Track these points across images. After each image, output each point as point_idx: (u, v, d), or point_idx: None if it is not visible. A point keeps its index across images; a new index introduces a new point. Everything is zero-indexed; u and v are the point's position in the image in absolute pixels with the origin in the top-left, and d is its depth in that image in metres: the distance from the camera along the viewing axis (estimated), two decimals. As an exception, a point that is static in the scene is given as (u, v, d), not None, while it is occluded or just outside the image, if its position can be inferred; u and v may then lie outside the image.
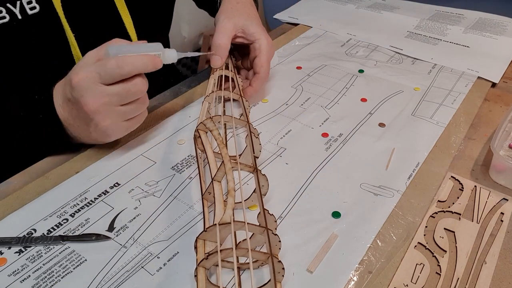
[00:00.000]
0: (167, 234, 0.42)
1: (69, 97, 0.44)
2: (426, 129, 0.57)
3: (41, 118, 0.47)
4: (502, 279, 0.38)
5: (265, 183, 0.41)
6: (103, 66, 0.42)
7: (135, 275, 0.38)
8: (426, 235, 0.42)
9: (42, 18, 0.51)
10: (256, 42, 0.59)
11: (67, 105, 0.46)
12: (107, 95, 0.43)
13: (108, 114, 0.45)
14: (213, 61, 0.57)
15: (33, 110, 0.47)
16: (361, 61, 0.74)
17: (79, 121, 0.46)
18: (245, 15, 0.60)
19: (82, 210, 0.44)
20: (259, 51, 0.59)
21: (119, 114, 0.46)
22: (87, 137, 0.48)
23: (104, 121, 0.45)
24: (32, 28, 0.51)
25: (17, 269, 0.38)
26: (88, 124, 0.46)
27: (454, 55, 0.76)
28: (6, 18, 0.48)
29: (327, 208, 0.45)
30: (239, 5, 0.62)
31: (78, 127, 0.47)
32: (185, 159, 0.51)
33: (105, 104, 0.44)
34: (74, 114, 0.46)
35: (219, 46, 0.57)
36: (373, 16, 0.92)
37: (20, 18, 0.49)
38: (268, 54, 0.59)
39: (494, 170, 0.49)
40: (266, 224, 0.35)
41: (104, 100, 0.43)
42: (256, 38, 0.59)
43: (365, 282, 0.38)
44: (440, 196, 0.47)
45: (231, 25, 0.58)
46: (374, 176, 0.49)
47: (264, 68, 0.58)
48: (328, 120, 0.58)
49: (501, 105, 0.63)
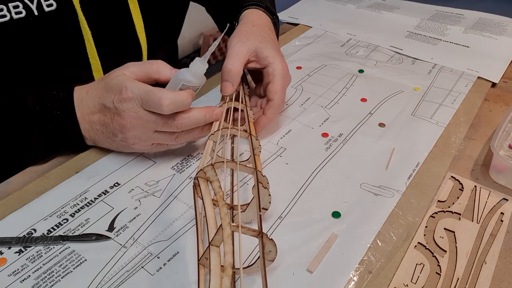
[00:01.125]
0: (167, 234, 0.42)
1: (110, 106, 0.45)
2: (426, 129, 0.57)
3: (58, 114, 0.47)
4: (502, 279, 0.38)
5: (273, 248, 0.34)
6: (147, 96, 0.43)
7: (135, 275, 0.38)
8: (426, 235, 0.42)
9: (58, 16, 0.51)
10: (269, 67, 0.53)
11: (100, 110, 0.46)
12: (145, 120, 0.45)
13: (139, 134, 0.46)
14: (224, 88, 0.52)
15: (50, 106, 0.47)
16: (361, 61, 0.74)
17: (106, 129, 0.47)
18: (260, 38, 0.55)
19: (82, 210, 0.44)
20: (272, 76, 0.53)
21: (149, 137, 0.46)
22: (108, 143, 0.49)
23: (134, 138, 0.46)
24: (48, 25, 0.51)
25: (17, 269, 0.38)
26: (116, 134, 0.47)
27: (454, 55, 0.76)
28: (22, 13, 0.49)
29: (327, 208, 0.45)
30: (255, 28, 0.57)
31: (103, 133, 0.48)
32: (185, 159, 0.51)
33: (141, 125, 0.45)
34: (107, 121, 0.46)
35: (230, 71, 0.51)
36: (373, 16, 0.92)
37: (36, 15, 0.50)
38: (283, 80, 0.53)
39: (494, 170, 0.49)
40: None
41: (141, 122, 0.45)
42: (270, 62, 0.53)
43: (365, 282, 0.38)
44: (440, 196, 0.47)
45: (244, 49, 0.53)
46: (374, 176, 0.49)
47: (278, 94, 0.52)
48: (328, 120, 0.58)
49: (501, 105, 0.63)
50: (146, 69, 0.46)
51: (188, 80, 0.45)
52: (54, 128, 0.47)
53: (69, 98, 0.47)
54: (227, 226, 0.32)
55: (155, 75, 0.46)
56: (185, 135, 0.47)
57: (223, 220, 0.33)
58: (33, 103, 0.47)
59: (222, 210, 0.34)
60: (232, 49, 0.53)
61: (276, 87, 0.52)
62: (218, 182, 0.38)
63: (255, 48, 0.54)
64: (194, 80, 0.45)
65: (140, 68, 0.46)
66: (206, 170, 0.38)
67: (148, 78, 0.46)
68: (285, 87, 0.54)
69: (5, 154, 0.48)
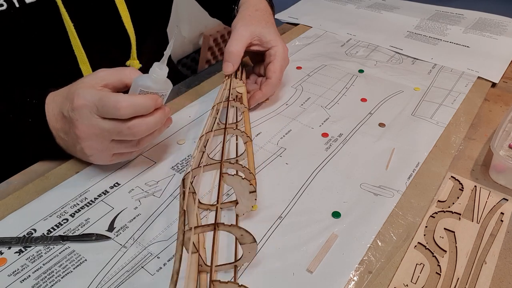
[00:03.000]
0: (167, 234, 0.42)
1: (66, 115, 0.43)
2: (426, 129, 0.57)
3: (30, 122, 0.45)
4: (502, 279, 0.38)
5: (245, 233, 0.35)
6: (102, 101, 0.41)
7: (135, 275, 0.38)
8: (426, 235, 0.42)
9: (40, 7, 0.51)
10: (272, 49, 0.58)
11: (61, 119, 0.45)
12: (98, 128, 0.42)
13: (95, 144, 0.44)
14: (225, 68, 0.57)
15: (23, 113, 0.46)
16: (361, 61, 0.74)
17: (68, 138, 0.45)
18: (263, 23, 0.60)
19: (82, 210, 0.44)
20: (274, 57, 0.58)
21: (106, 148, 0.44)
22: (74, 152, 0.47)
23: (90, 149, 0.44)
24: (30, 17, 0.50)
25: (17, 269, 0.38)
26: (75, 144, 0.45)
27: (454, 55, 0.76)
28: (3, 6, 0.48)
29: (327, 208, 0.45)
30: (258, 13, 0.62)
31: (66, 141, 0.46)
32: (185, 159, 0.51)
33: (96, 135, 0.43)
34: (66, 130, 0.45)
35: (231, 53, 0.56)
36: (373, 16, 0.92)
37: (17, 7, 0.49)
38: (283, 62, 0.59)
39: (494, 170, 0.49)
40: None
41: (95, 131, 0.43)
42: (273, 46, 0.58)
43: (365, 282, 0.38)
44: (440, 196, 0.47)
45: (247, 33, 0.58)
46: (374, 176, 0.49)
47: (276, 74, 0.58)
48: (328, 120, 0.58)
49: (501, 105, 0.63)
50: (119, 75, 0.44)
51: (147, 86, 0.43)
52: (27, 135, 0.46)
53: (41, 105, 0.45)
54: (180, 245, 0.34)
55: (127, 81, 0.45)
56: (143, 140, 0.45)
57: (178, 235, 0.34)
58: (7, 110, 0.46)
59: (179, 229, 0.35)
60: (235, 32, 0.58)
61: (275, 67, 0.57)
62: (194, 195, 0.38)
63: (259, 32, 0.58)
64: (153, 86, 0.43)
65: (112, 74, 0.45)
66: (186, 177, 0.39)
67: (121, 83, 0.45)
68: (284, 69, 0.59)
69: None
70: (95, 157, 0.46)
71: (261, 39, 0.59)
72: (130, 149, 0.46)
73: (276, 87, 0.59)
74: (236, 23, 0.59)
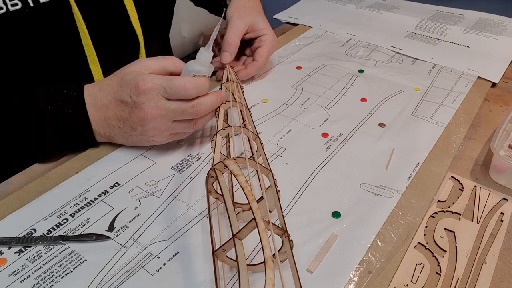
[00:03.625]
0: (167, 234, 0.42)
1: (127, 100, 0.46)
2: (426, 129, 0.57)
3: (70, 113, 0.47)
4: (502, 279, 0.38)
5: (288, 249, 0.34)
6: (170, 83, 0.44)
7: (135, 275, 0.38)
8: (426, 235, 0.42)
9: (53, 7, 0.52)
10: (263, 36, 0.65)
11: (116, 106, 0.47)
12: (165, 109, 0.46)
13: (159, 125, 0.47)
14: (223, 57, 0.62)
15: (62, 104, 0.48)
16: (361, 61, 0.74)
17: (124, 123, 0.48)
18: (256, 12, 0.66)
19: (82, 210, 0.44)
20: (264, 43, 0.65)
21: (168, 128, 0.47)
22: (124, 138, 0.50)
23: (153, 130, 0.47)
24: (43, 17, 0.51)
25: (17, 269, 0.38)
26: (134, 128, 0.47)
27: (454, 55, 0.76)
28: (18, 5, 0.49)
29: (327, 208, 0.45)
30: (250, 3, 0.67)
31: (119, 128, 0.48)
32: (185, 159, 0.51)
33: (161, 116, 0.46)
34: (124, 116, 0.47)
35: (229, 43, 0.62)
36: (373, 16, 0.92)
37: (32, 6, 0.50)
38: (271, 47, 0.65)
39: (494, 170, 0.49)
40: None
41: (161, 113, 0.46)
42: (265, 33, 0.65)
43: (365, 282, 0.38)
44: (440, 196, 0.47)
45: (242, 25, 0.64)
46: (374, 176, 0.49)
47: (263, 58, 0.64)
48: (328, 120, 0.58)
49: (501, 105, 0.63)
50: (163, 63, 0.48)
51: (198, 70, 0.47)
52: (66, 126, 0.48)
53: (80, 96, 0.48)
54: (260, 220, 0.32)
55: (171, 68, 0.48)
56: (201, 120, 0.49)
57: (256, 214, 0.32)
58: (44, 102, 0.47)
59: (253, 205, 0.33)
60: (232, 24, 0.63)
61: (263, 52, 0.65)
62: (243, 176, 0.36)
63: (252, 22, 0.65)
64: (202, 69, 0.48)
65: (156, 62, 0.48)
66: (229, 163, 0.37)
67: (165, 72, 0.48)
68: (270, 54, 0.67)
69: (18, 152, 0.48)
70: (156, 137, 0.48)
71: (254, 27, 0.65)
72: (188, 129, 0.49)
73: (261, 69, 0.66)
74: (232, 14, 0.64)
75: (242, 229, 0.33)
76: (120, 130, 0.49)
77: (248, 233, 0.33)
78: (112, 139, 0.51)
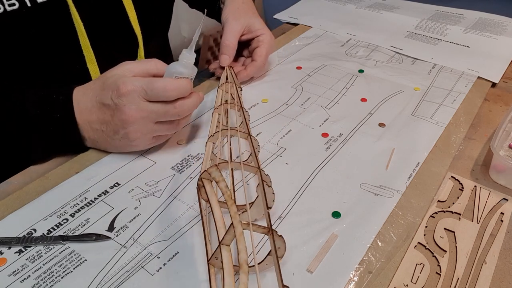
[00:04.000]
0: (167, 234, 0.42)
1: (109, 103, 0.46)
2: (426, 129, 0.57)
3: (58, 117, 0.47)
4: (502, 279, 0.38)
5: (281, 245, 0.34)
6: (150, 85, 0.44)
7: (135, 275, 0.38)
8: (426, 235, 0.42)
9: (51, 7, 0.52)
10: (261, 36, 0.65)
11: (99, 109, 0.47)
12: (147, 111, 0.45)
13: (141, 127, 0.47)
14: (222, 60, 0.62)
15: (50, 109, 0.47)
16: (361, 61, 0.74)
17: (107, 127, 0.47)
18: (250, 14, 0.67)
19: (82, 210, 0.44)
20: (262, 43, 0.65)
21: (150, 130, 0.47)
22: (107, 142, 0.49)
23: (135, 133, 0.47)
24: (41, 17, 0.51)
25: (17, 269, 0.38)
26: (117, 131, 0.47)
27: (454, 55, 0.76)
28: (15, 5, 0.49)
29: (327, 208, 0.45)
30: (244, 5, 0.68)
31: (103, 132, 0.48)
32: (185, 159, 0.51)
33: (143, 118, 0.46)
34: (107, 119, 0.47)
35: (227, 46, 0.62)
36: (373, 16, 0.92)
37: (29, 6, 0.50)
38: (269, 47, 0.65)
39: (494, 170, 0.49)
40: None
41: (143, 114, 0.46)
42: (262, 33, 0.65)
43: (365, 282, 0.38)
44: (440, 196, 0.47)
45: (239, 26, 0.64)
46: (374, 176, 0.49)
47: (262, 58, 0.64)
48: (328, 120, 0.58)
49: (501, 105, 0.63)
50: (145, 65, 0.48)
51: (180, 72, 0.47)
52: (54, 131, 0.48)
53: (68, 101, 0.48)
54: (238, 224, 0.32)
55: (154, 71, 0.48)
56: (183, 120, 0.50)
57: (234, 218, 0.33)
58: (33, 107, 0.47)
59: (231, 209, 0.34)
60: (228, 26, 0.64)
61: (262, 52, 0.64)
62: (224, 182, 0.37)
63: (248, 23, 0.65)
64: (185, 71, 0.47)
65: (138, 65, 0.48)
66: (211, 171, 0.38)
67: (147, 74, 0.48)
68: (269, 54, 0.67)
69: (5, 156, 0.48)
70: (138, 141, 0.48)
71: (250, 28, 0.65)
72: (171, 130, 0.50)
73: (260, 69, 0.66)
74: (227, 17, 0.65)
75: (225, 235, 0.33)
76: (103, 133, 0.48)
77: (232, 238, 0.33)
78: (96, 144, 0.50)
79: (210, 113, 0.59)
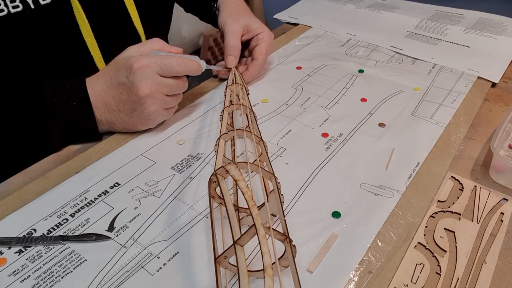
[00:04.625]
0: (167, 234, 0.42)
1: (124, 81, 0.49)
2: (426, 129, 0.57)
3: (74, 105, 0.50)
4: (502, 279, 0.38)
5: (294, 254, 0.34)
6: (164, 60, 0.49)
7: (135, 275, 0.38)
8: (426, 235, 0.42)
9: (54, 8, 0.52)
10: (259, 34, 0.66)
11: (115, 89, 0.50)
12: (161, 85, 0.49)
13: (156, 100, 0.50)
14: (229, 61, 0.63)
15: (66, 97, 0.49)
16: (361, 61, 0.74)
17: (124, 105, 0.50)
18: (247, 15, 0.68)
19: (82, 210, 0.44)
20: (261, 41, 0.65)
21: (163, 102, 0.51)
22: (124, 122, 0.52)
23: (152, 105, 0.50)
24: (44, 18, 0.52)
25: (17, 269, 0.38)
26: (134, 108, 0.50)
27: (454, 55, 0.76)
28: (19, 7, 0.50)
29: (327, 208, 0.45)
30: (239, 7, 0.69)
31: (120, 111, 0.51)
32: (185, 159, 0.51)
33: (157, 91, 0.50)
34: (124, 97, 0.50)
35: (232, 47, 0.63)
36: (373, 16, 0.92)
37: (33, 8, 0.51)
38: (268, 45, 0.66)
39: (494, 170, 0.49)
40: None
41: (158, 88, 0.49)
42: (260, 32, 0.66)
43: (365, 282, 0.38)
44: (440, 196, 0.47)
45: (238, 27, 0.65)
46: (374, 176, 0.49)
47: (262, 56, 0.65)
48: (328, 120, 0.58)
49: (501, 105, 0.63)
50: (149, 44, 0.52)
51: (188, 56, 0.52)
52: (70, 118, 0.50)
53: (83, 89, 0.50)
54: (260, 226, 0.31)
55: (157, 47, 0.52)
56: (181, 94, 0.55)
57: (256, 220, 0.31)
58: (50, 95, 0.49)
59: (253, 210, 0.32)
60: (229, 28, 0.65)
61: (261, 50, 0.65)
62: (244, 182, 0.35)
63: (246, 23, 0.66)
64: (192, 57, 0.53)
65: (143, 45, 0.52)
66: (230, 169, 0.36)
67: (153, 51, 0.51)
68: (269, 52, 0.67)
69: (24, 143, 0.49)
70: (154, 114, 0.51)
71: (249, 28, 0.66)
72: (178, 100, 0.54)
73: (262, 67, 0.67)
74: (225, 20, 0.66)
75: (243, 235, 0.32)
76: (121, 113, 0.51)
77: (249, 239, 0.33)
78: (113, 126, 0.53)
79: (209, 114, 0.59)
